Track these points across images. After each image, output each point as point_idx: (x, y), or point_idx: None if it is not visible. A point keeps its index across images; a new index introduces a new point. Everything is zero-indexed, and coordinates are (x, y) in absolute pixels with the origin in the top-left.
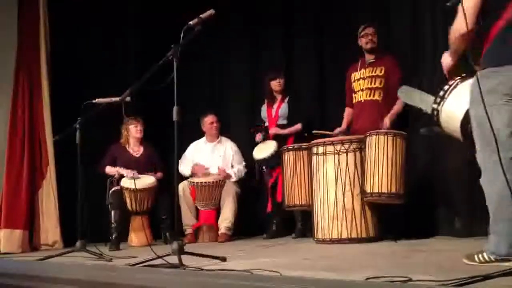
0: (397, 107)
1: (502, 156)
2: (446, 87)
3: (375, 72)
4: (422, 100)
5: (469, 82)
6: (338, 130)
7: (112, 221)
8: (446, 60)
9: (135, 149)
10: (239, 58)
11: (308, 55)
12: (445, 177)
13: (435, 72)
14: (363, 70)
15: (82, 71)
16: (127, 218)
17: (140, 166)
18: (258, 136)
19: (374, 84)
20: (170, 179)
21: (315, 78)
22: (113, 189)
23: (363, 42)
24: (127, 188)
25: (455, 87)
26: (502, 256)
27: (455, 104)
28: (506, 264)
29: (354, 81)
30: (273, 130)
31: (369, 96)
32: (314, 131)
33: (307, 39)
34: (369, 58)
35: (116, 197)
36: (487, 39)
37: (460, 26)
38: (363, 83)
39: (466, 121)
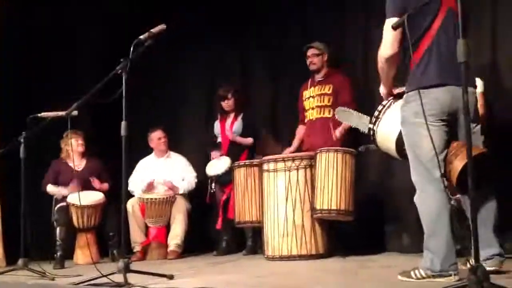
0: (344, 124)
1: (429, 174)
2: (380, 107)
3: (323, 90)
4: (359, 121)
5: (399, 104)
6: (288, 150)
7: (57, 238)
8: (382, 91)
9: (77, 163)
10: (193, 72)
11: (263, 70)
12: (394, 193)
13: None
14: (312, 88)
15: (29, 82)
16: (74, 235)
17: (83, 180)
18: (214, 154)
19: (323, 102)
20: (118, 194)
21: (269, 93)
22: (59, 205)
23: (307, 62)
24: (73, 204)
25: (388, 107)
26: (436, 272)
27: (389, 125)
28: (441, 279)
29: (305, 100)
30: (232, 137)
31: (319, 114)
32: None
33: (262, 54)
34: (318, 76)
35: (62, 214)
36: (411, 62)
37: (384, 51)
38: (313, 101)
39: (401, 141)
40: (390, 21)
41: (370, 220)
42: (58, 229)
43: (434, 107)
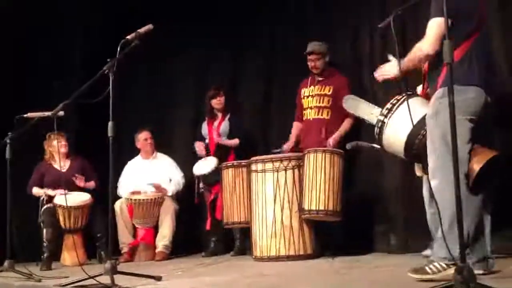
0: (343, 128)
1: (460, 170)
2: (393, 100)
3: (323, 91)
4: (367, 111)
5: (417, 99)
6: (286, 145)
7: (44, 239)
8: (393, 69)
9: (62, 164)
10: (183, 72)
11: (255, 70)
12: (382, 193)
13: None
14: (312, 87)
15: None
16: (61, 236)
17: (69, 181)
18: (198, 146)
19: (322, 102)
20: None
21: (260, 94)
22: (45, 206)
23: (309, 65)
24: (60, 206)
25: (402, 102)
26: (457, 259)
27: (403, 119)
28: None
29: (304, 98)
30: (217, 140)
31: (317, 114)
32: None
33: (255, 54)
34: (319, 76)
35: (49, 215)
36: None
37: (425, 48)
38: (312, 100)
39: (413, 137)
40: (438, 20)
41: (358, 220)
42: (44, 231)
43: (471, 105)
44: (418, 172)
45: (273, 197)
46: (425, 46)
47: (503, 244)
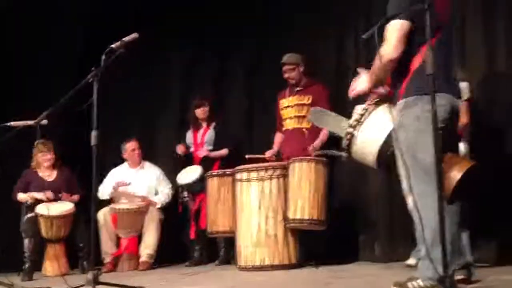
0: (322, 136)
1: (431, 180)
2: (361, 111)
3: (302, 101)
4: (335, 123)
5: (385, 108)
6: (269, 152)
7: (25, 249)
8: (363, 83)
9: (48, 174)
10: (166, 81)
11: (238, 79)
12: (366, 203)
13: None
14: (291, 97)
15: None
16: (43, 246)
17: (54, 191)
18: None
19: (302, 112)
20: (88, 205)
21: (245, 103)
22: (27, 216)
23: (285, 76)
24: (41, 215)
25: (370, 112)
26: (436, 281)
27: (373, 130)
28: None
29: (283, 109)
30: (202, 152)
31: (297, 124)
32: (247, 156)
33: (238, 64)
34: (297, 87)
35: (30, 224)
36: (409, 68)
37: (387, 53)
38: (291, 111)
39: (385, 147)
40: (398, 23)
41: (342, 229)
42: (26, 240)
43: (438, 113)
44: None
45: (258, 206)
46: (388, 50)
47: (483, 254)
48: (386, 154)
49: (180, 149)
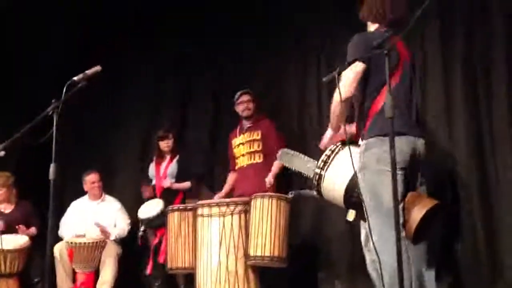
0: (275, 168)
1: (391, 221)
2: (328, 151)
3: (252, 136)
4: (303, 164)
5: (351, 148)
6: (218, 195)
7: None
8: (329, 134)
9: (4, 206)
10: (132, 114)
11: (203, 113)
12: (327, 240)
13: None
14: (242, 135)
15: None
16: None
17: (11, 223)
18: (146, 194)
19: (253, 148)
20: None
21: (207, 136)
22: None
23: (239, 109)
24: None
25: (337, 152)
26: None
27: (339, 170)
28: None
29: (235, 147)
30: (166, 182)
31: (250, 160)
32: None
33: (203, 98)
34: (246, 123)
35: None
36: (371, 109)
37: (343, 93)
38: (243, 148)
39: (351, 187)
40: (353, 65)
41: (303, 266)
42: None
43: (398, 155)
44: (350, 216)
45: (219, 242)
46: (340, 91)
47: None
48: (353, 194)
49: (145, 195)
